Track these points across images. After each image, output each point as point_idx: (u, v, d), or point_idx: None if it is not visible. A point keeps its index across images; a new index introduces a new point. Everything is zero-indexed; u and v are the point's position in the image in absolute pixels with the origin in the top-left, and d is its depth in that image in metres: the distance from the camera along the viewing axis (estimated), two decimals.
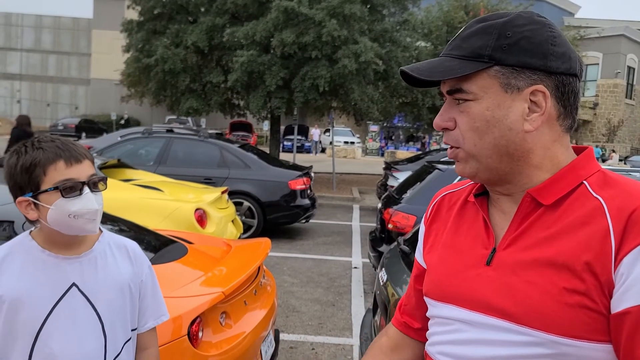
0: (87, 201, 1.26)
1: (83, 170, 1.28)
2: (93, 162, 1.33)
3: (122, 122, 25.82)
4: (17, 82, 41.19)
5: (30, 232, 1.37)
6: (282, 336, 4.27)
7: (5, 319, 1.27)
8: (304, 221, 8.53)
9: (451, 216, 1.07)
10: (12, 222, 2.55)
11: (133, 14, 15.13)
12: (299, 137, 28.49)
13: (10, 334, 1.28)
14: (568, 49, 0.91)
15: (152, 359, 1.52)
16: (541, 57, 0.89)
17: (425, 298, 1.07)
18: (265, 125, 23.40)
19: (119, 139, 8.99)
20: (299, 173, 8.47)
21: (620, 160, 22.61)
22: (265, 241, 3.44)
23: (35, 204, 1.27)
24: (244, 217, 7.89)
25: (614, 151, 25.59)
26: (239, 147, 8.78)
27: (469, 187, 1.07)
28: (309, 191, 8.58)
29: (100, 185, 1.32)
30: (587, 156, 0.95)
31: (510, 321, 0.87)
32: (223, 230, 5.69)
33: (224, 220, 5.85)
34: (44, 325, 1.28)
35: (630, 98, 34.85)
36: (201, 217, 5.45)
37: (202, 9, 13.98)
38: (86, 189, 1.27)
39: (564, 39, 0.92)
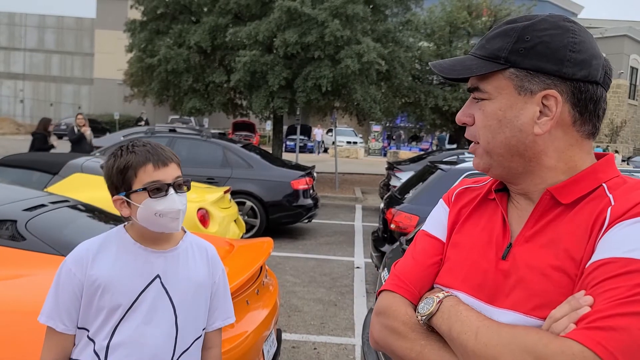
0: (172, 201, 1.38)
1: (169, 173, 1.40)
2: (179, 165, 1.45)
3: (142, 123, 25.43)
4: (21, 81, 41.29)
5: (124, 225, 1.51)
6: (284, 336, 4.27)
7: (99, 301, 1.40)
8: (306, 221, 8.53)
9: (468, 210, 1.09)
10: (15, 221, 2.56)
11: (136, 14, 15.16)
12: (302, 137, 28.50)
13: (98, 314, 1.41)
14: (590, 56, 0.91)
15: (215, 358, 1.61)
16: (557, 63, 0.90)
17: (436, 286, 1.06)
18: (268, 125, 23.37)
19: (122, 138, 9.01)
20: (302, 173, 8.47)
21: (623, 160, 22.54)
22: (267, 241, 3.44)
23: (127, 202, 1.42)
24: (246, 217, 7.89)
25: (617, 152, 25.51)
26: (242, 146, 8.79)
27: (489, 184, 1.09)
28: (311, 191, 8.58)
29: (184, 187, 1.44)
30: (607, 161, 0.97)
31: (523, 313, 0.89)
32: (225, 230, 5.69)
33: (227, 219, 5.85)
34: (129, 310, 1.40)
35: (633, 98, 34.74)
36: (204, 217, 5.45)
37: (205, 9, 14.00)
38: (171, 190, 1.39)
39: (589, 45, 0.92)
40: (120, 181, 1.41)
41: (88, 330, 1.41)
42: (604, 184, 0.92)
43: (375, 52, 12.18)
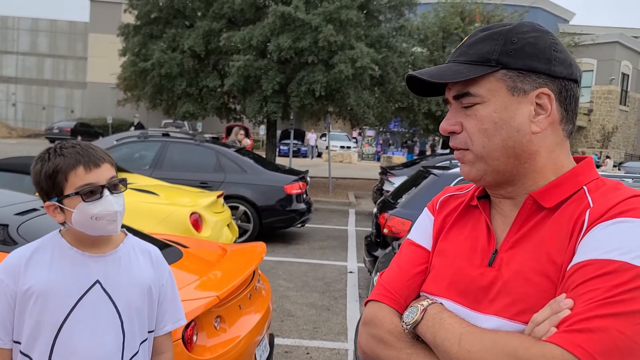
0: (107, 204, 1.33)
1: (102, 174, 1.34)
2: (113, 165, 1.39)
3: (133, 128, 25.32)
4: (13, 85, 41.03)
5: (60, 230, 1.44)
6: (276, 340, 4.26)
7: (32, 311, 1.33)
8: (299, 225, 8.53)
9: (452, 218, 1.09)
10: (7, 225, 2.55)
11: (130, 18, 15.14)
12: (296, 141, 28.44)
13: (36, 326, 1.33)
14: (568, 56, 0.96)
15: None
16: (546, 62, 0.93)
17: (422, 294, 1.07)
18: (262, 130, 23.39)
19: (115, 142, 8.99)
20: (295, 177, 8.47)
21: (614, 166, 22.70)
22: (260, 245, 3.44)
23: (60, 207, 1.35)
24: (239, 221, 7.88)
25: (608, 157, 25.69)
26: (235, 151, 8.78)
27: (472, 191, 1.10)
28: (304, 195, 8.58)
29: (121, 187, 1.39)
30: (587, 164, 0.98)
31: (507, 318, 0.90)
32: (218, 235, 5.69)
33: (220, 224, 5.84)
34: (67, 319, 1.34)
35: (625, 104, 35.00)
36: (197, 221, 5.44)
37: (199, 14, 14.01)
38: (106, 192, 1.33)
39: (564, 47, 0.97)
40: (50, 187, 1.33)
41: (20, 344, 1.34)
42: (584, 187, 0.94)
43: (368, 57, 12.22)
